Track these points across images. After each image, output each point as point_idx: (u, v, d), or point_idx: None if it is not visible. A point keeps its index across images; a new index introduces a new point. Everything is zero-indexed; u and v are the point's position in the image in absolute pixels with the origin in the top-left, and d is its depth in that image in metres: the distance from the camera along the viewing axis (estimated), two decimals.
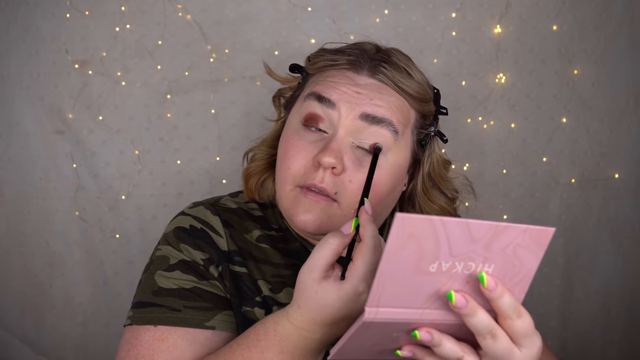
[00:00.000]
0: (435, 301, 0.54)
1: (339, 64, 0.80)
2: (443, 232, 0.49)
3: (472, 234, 0.50)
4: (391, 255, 0.49)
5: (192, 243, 0.78)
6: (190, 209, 0.83)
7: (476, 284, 0.53)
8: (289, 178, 0.77)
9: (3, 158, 1.27)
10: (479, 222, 0.50)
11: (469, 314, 0.53)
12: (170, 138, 1.27)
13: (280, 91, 0.91)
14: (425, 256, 0.50)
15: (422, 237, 0.49)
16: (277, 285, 0.80)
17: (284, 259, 0.82)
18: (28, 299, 1.29)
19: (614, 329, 1.39)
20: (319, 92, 0.78)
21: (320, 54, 0.84)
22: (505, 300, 0.53)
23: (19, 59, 1.25)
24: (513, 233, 0.52)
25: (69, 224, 1.27)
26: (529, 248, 0.53)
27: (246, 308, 0.78)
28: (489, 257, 0.52)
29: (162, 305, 0.74)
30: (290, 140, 0.79)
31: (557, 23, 1.30)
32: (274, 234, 0.85)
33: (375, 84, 0.78)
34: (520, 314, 0.54)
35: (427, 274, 0.51)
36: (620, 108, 1.35)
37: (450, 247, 0.50)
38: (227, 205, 0.86)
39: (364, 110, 0.76)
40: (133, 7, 1.23)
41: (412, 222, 0.48)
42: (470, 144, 1.31)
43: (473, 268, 0.53)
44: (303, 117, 0.79)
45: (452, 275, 0.53)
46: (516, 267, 0.54)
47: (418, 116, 0.82)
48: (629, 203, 1.37)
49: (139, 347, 0.72)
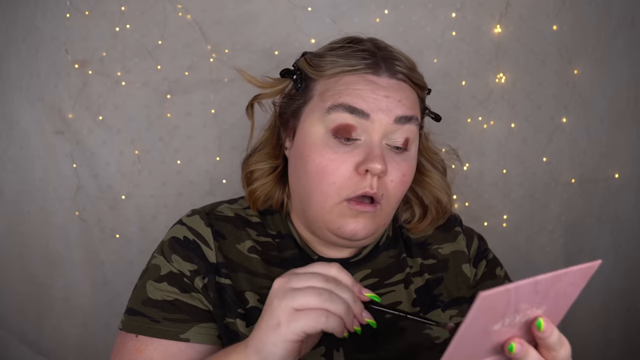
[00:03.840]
0: (491, 349, 0.56)
1: (356, 68, 0.78)
2: (514, 297, 0.51)
3: (537, 288, 0.52)
4: (467, 330, 0.51)
5: (183, 254, 0.80)
6: (188, 218, 0.84)
7: (528, 325, 0.55)
8: (334, 193, 0.76)
9: (3, 158, 1.27)
10: (545, 277, 0.51)
11: (522, 357, 0.55)
12: (170, 138, 1.27)
13: (258, 97, 0.88)
14: (493, 320, 0.52)
15: (496, 306, 0.51)
16: (266, 296, 0.79)
17: (271, 270, 0.82)
18: (28, 299, 1.29)
19: (614, 329, 1.39)
20: (349, 103, 0.76)
21: (325, 57, 0.81)
22: (553, 336, 0.56)
23: (19, 59, 1.25)
24: (569, 277, 0.54)
25: (69, 224, 1.27)
26: (577, 284, 0.56)
27: (229, 320, 0.78)
28: (544, 301, 0.54)
29: (146, 316, 0.77)
30: (324, 154, 0.76)
31: (557, 23, 1.30)
32: (269, 241, 0.85)
33: (396, 83, 0.79)
34: (563, 344, 0.57)
35: (491, 333, 0.53)
36: (620, 108, 1.35)
37: (516, 305, 0.52)
38: (224, 214, 0.85)
39: (397, 114, 0.77)
40: (133, 7, 1.23)
41: (494, 297, 0.49)
42: (470, 144, 1.31)
43: (528, 315, 0.55)
44: (332, 128, 0.77)
45: (511, 326, 0.54)
46: (563, 302, 0.56)
47: (420, 102, 0.84)
48: (629, 203, 1.37)
49: (122, 355, 0.77)
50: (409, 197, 0.89)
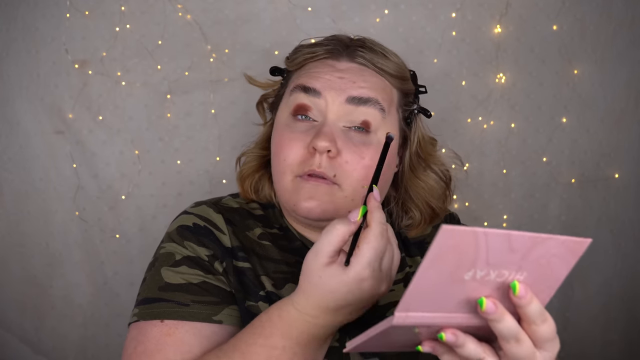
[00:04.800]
0: (464, 306, 0.54)
1: (317, 54, 0.83)
2: (484, 243, 0.50)
3: (511, 244, 0.51)
4: (430, 265, 0.50)
5: (196, 240, 0.79)
6: (193, 208, 0.84)
7: (506, 291, 0.54)
8: (286, 169, 0.78)
9: (3, 158, 1.27)
10: (520, 234, 0.50)
11: (496, 319, 0.53)
12: (170, 138, 1.27)
13: (264, 97, 0.93)
14: (462, 266, 0.51)
15: (463, 248, 0.49)
16: (280, 281, 0.80)
17: (285, 255, 0.83)
18: (28, 299, 1.29)
19: (614, 329, 1.39)
20: (303, 83, 0.80)
21: (298, 50, 0.87)
22: (533, 307, 0.54)
23: (19, 59, 1.25)
24: (552, 244, 0.52)
25: (69, 224, 1.27)
26: (564, 258, 0.54)
27: (250, 303, 0.78)
28: (523, 265, 0.53)
29: (170, 300, 0.74)
30: (282, 134, 0.80)
31: (557, 23, 1.30)
32: (275, 232, 0.85)
33: (356, 67, 0.81)
34: (545, 319, 0.55)
35: (462, 282, 0.52)
36: (620, 108, 1.35)
37: (488, 256, 0.51)
38: (229, 205, 0.86)
39: (350, 94, 0.78)
40: (133, 7, 1.23)
41: (457, 234, 0.48)
42: (470, 144, 1.31)
43: (506, 276, 0.53)
44: (291, 109, 0.81)
45: (485, 282, 0.53)
46: (547, 275, 0.54)
47: (400, 94, 0.85)
48: (629, 203, 1.37)
49: (147, 343, 0.71)
50: (407, 205, 0.89)
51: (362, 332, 0.58)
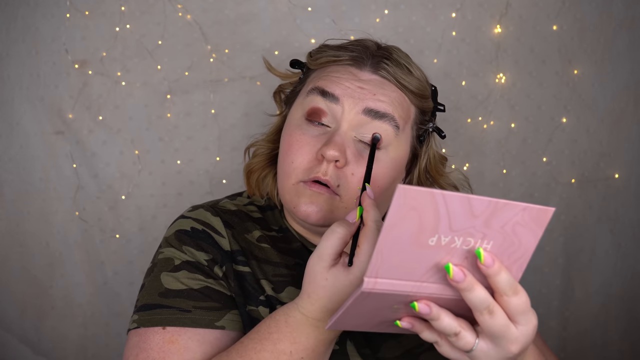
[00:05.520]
0: (434, 274, 0.54)
1: (341, 59, 0.81)
2: (444, 205, 0.50)
3: (472, 209, 0.51)
4: (391, 226, 0.50)
5: (195, 245, 0.78)
6: (190, 212, 0.83)
7: (474, 260, 0.54)
8: (292, 172, 0.78)
9: (3, 158, 1.27)
10: (480, 198, 0.50)
11: (466, 288, 0.53)
12: (170, 138, 1.27)
13: (281, 87, 0.92)
14: (425, 229, 0.51)
15: (423, 210, 0.50)
16: (279, 284, 0.80)
17: (285, 258, 0.82)
18: (28, 299, 1.29)
19: (614, 329, 1.39)
20: (322, 87, 0.79)
21: (322, 50, 0.85)
22: (502, 277, 0.54)
23: (19, 59, 1.25)
24: (512, 210, 0.52)
25: (69, 224, 1.27)
26: (529, 226, 0.54)
27: (251, 307, 0.77)
28: (488, 233, 0.53)
29: (171, 307, 0.73)
30: (293, 135, 0.80)
31: (557, 23, 1.30)
32: (274, 235, 0.85)
33: (378, 79, 0.80)
34: (517, 291, 0.55)
35: (427, 247, 0.52)
36: (620, 108, 1.35)
37: (450, 221, 0.51)
38: (227, 207, 0.86)
39: (367, 105, 0.77)
40: (133, 7, 1.23)
41: (413, 194, 0.48)
42: (470, 144, 1.31)
43: (472, 244, 0.53)
44: (306, 111, 0.80)
45: (451, 250, 0.53)
46: (515, 245, 0.54)
47: (418, 112, 0.84)
48: (629, 203, 1.37)
49: (149, 350, 0.70)
50: None
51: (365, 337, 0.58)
